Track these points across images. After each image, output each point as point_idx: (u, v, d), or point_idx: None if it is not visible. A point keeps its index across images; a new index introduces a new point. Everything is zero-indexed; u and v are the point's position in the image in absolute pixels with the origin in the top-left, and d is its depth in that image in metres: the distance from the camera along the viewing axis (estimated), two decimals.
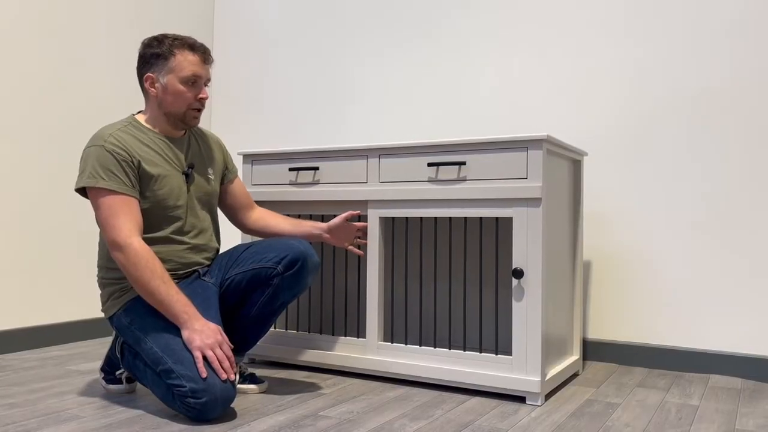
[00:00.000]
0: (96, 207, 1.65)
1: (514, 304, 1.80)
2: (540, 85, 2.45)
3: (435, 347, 1.94)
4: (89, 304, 2.64)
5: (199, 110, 1.79)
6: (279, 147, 3.03)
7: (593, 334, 2.34)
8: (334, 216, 2.40)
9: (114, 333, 1.83)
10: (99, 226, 1.67)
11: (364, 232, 2.04)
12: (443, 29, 2.65)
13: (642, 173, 2.27)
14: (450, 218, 2.06)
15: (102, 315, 2.68)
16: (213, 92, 3.24)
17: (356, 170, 2.05)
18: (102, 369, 1.85)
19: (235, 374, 1.61)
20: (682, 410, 1.73)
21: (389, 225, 2.33)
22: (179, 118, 1.77)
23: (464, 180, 1.87)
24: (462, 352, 1.88)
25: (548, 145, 1.82)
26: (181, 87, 1.74)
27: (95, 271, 2.66)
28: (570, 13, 2.41)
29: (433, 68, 2.67)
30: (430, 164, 1.90)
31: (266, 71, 3.09)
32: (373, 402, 1.76)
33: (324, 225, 1.95)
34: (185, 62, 1.73)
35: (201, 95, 1.77)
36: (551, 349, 1.92)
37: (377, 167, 2.02)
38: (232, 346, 1.70)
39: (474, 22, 2.59)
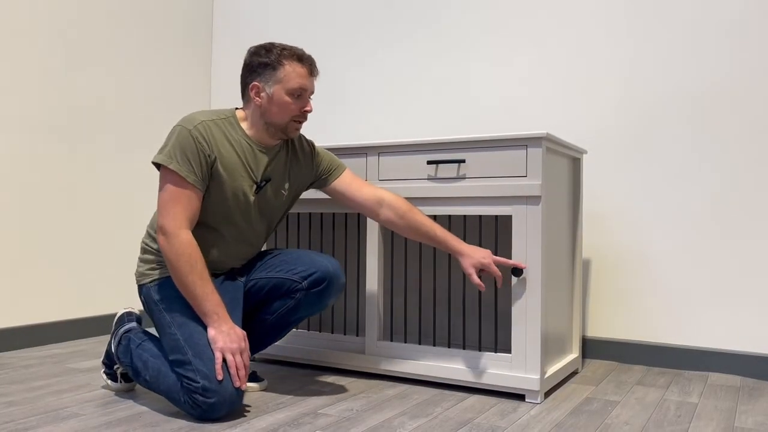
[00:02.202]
0: (161, 186, 1.65)
1: (514, 302, 1.80)
2: (540, 83, 2.45)
3: (434, 345, 1.94)
4: (89, 302, 2.64)
5: (301, 122, 1.76)
6: None
7: (592, 332, 2.34)
8: (336, 213, 2.40)
9: (112, 328, 1.83)
10: (157, 205, 1.66)
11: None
12: (442, 28, 2.65)
13: (642, 171, 2.27)
14: (450, 216, 2.06)
15: (104, 312, 2.68)
16: (212, 90, 3.24)
17: (356, 168, 2.05)
18: (103, 362, 1.85)
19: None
20: (681, 408, 1.74)
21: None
22: (280, 129, 1.74)
23: (464, 178, 1.87)
24: (461, 350, 1.88)
25: (548, 143, 1.82)
26: (287, 98, 1.70)
27: (95, 268, 2.66)
28: (570, 11, 2.41)
29: (433, 67, 2.67)
30: (429, 162, 1.90)
31: None
32: (372, 400, 1.77)
33: (465, 251, 1.79)
34: (293, 73, 1.70)
35: (306, 108, 1.74)
36: (550, 347, 1.92)
37: (377, 165, 2.01)
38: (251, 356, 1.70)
39: (473, 20, 2.59)
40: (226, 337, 1.58)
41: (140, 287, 1.75)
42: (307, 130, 2.95)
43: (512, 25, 2.51)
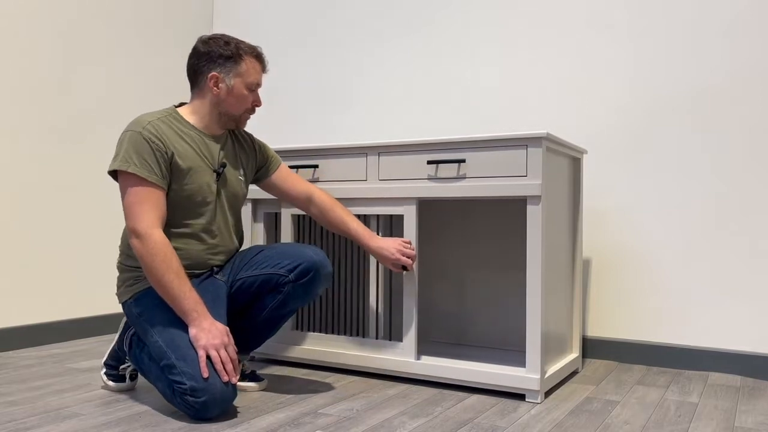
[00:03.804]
0: (123, 192, 1.65)
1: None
2: (540, 83, 2.45)
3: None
4: (89, 302, 2.64)
5: (251, 114, 1.84)
6: (278, 145, 3.03)
7: (593, 332, 2.34)
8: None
9: (121, 327, 1.84)
10: (123, 211, 1.67)
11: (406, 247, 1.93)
12: (443, 27, 2.65)
13: (642, 171, 2.27)
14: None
15: (104, 312, 2.68)
16: None
17: (356, 168, 2.05)
18: (105, 363, 1.85)
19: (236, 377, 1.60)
20: (681, 408, 1.74)
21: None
22: (234, 120, 1.81)
23: (464, 178, 1.87)
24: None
25: (548, 143, 1.82)
26: (245, 91, 1.78)
27: (95, 268, 2.66)
28: (570, 10, 2.40)
29: (433, 66, 2.67)
30: (429, 162, 1.90)
31: None
32: (372, 399, 1.77)
33: (374, 246, 1.89)
34: (252, 69, 1.78)
35: (257, 102, 1.82)
36: (551, 347, 1.92)
37: (377, 165, 2.01)
38: (237, 350, 1.70)
39: (474, 19, 2.58)
40: (207, 333, 1.58)
41: (123, 306, 1.76)
42: (309, 129, 2.95)
43: (513, 25, 2.51)
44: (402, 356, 1.95)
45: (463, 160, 1.86)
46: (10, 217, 2.37)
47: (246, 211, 2.22)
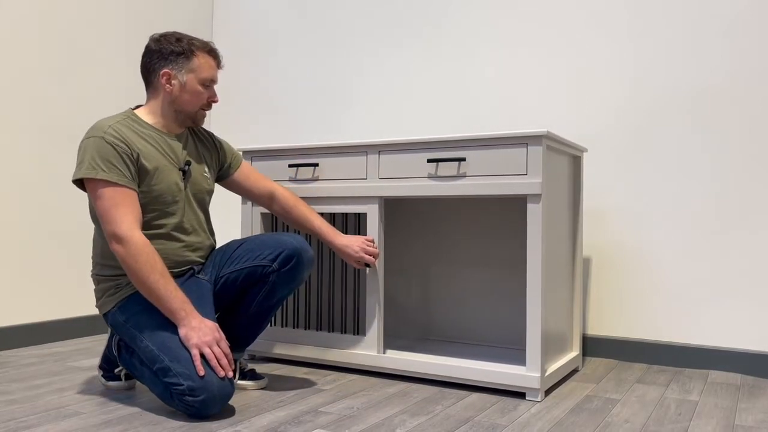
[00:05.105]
0: (95, 198, 1.63)
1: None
2: (540, 82, 2.45)
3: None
4: (89, 301, 2.64)
5: (207, 110, 1.83)
6: (278, 144, 3.03)
7: (593, 330, 2.34)
8: (332, 215, 2.40)
9: (109, 331, 1.83)
10: (98, 218, 1.65)
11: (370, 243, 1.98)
12: (443, 27, 2.65)
13: (642, 169, 2.27)
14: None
15: None
16: None
17: (356, 166, 2.05)
18: (100, 367, 1.85)
19: (234, 371, 1.60)
20: (682, 406, 1.74)
21: (388, 220, 2.33)
22: (190, 117, 1.80)
23: (464, 176, 1.87)
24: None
25: (548, 141, 1.82)
26: (199, 87, 1.77)
27: None
28: (570, 10, 2.41)
29: (433, 65, 2.67)
30: (429, 160, 1.90)
31: (266, 69, 3.09)
32: (373, 398, 1.77)
33: (338, 244, 1.93)
34: (206, 65, 1.77)
35: (213, 98, 1.81)
36: (551, 345, 1.92)
37: (377, 163, 2.01)
38: (229, 344, 1.69)
39: (473, 19, 2.59)
40: (198, 331, 1.58)
41: (105, 316, 1.75)
42: (309, 129, 2.95)
43: (513, 24, 2.51)
44: (367, 350, 2.00)
45: (464, 159, 1.86)
46: (10, 216, 2.37)
47: (246, 210, 2.22)
